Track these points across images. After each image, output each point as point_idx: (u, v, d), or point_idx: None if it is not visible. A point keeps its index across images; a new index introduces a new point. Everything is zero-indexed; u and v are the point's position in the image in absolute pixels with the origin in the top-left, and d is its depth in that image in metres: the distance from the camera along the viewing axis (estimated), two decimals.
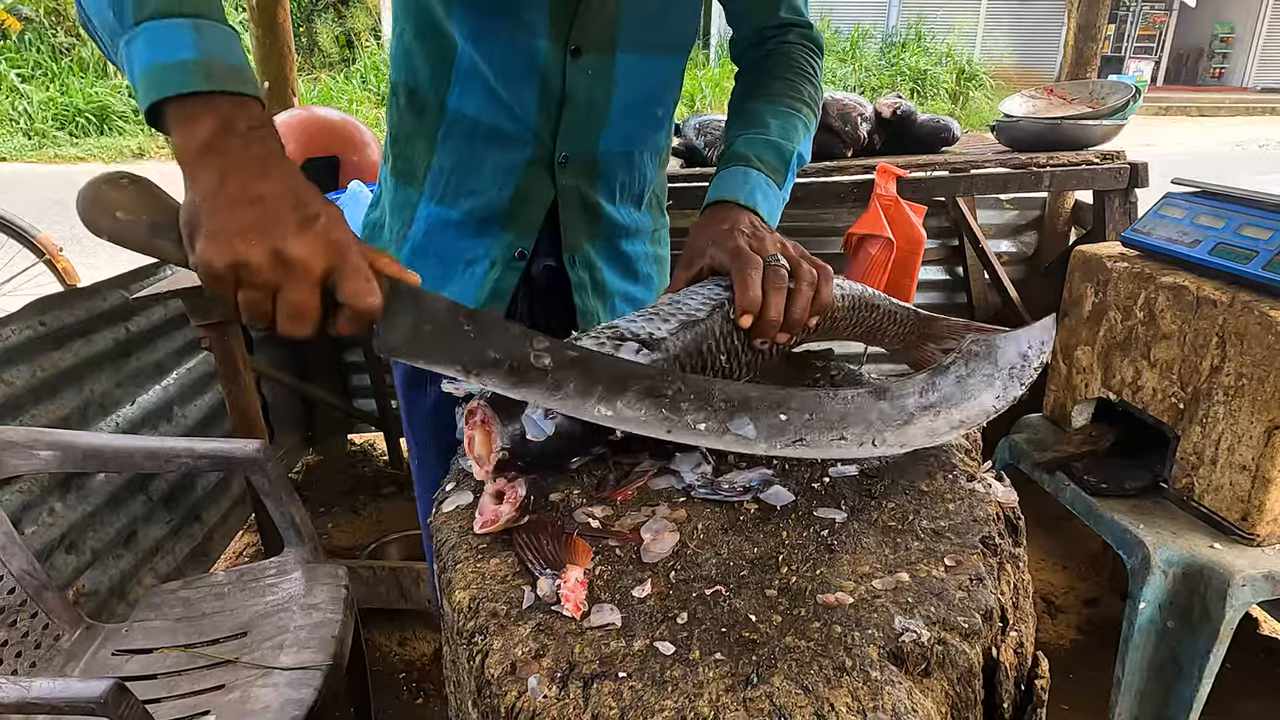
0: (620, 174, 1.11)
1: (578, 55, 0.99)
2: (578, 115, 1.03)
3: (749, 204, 0.94)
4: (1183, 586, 1.53)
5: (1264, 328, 1.43)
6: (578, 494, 0.73)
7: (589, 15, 0.97)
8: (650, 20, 1.02)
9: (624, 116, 1.06)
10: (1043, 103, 2.50)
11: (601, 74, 1.02)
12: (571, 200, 1.09)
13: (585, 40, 0.99)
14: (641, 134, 1.11)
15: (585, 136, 1.05)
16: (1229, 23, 17.23)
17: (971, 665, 0.53)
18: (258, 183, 0.67)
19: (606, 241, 1.15)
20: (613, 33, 1.00)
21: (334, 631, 1.47)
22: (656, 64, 1.07)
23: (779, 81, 1.08)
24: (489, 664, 0.54)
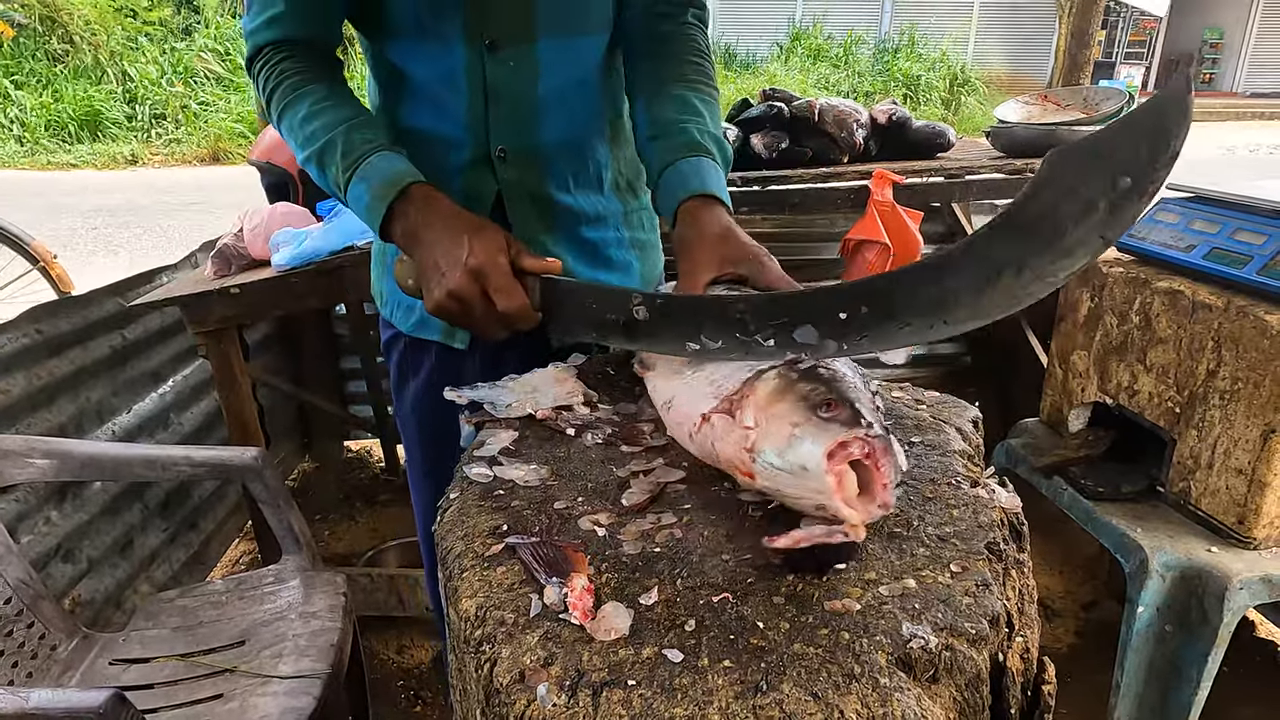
0: (568, 161, 1.12)
1: (495, 49, 1.02)
2: (505, 108, 1.06)
3: (725, 201, 0.98)
4: (1180, 590, 1.53)
5: (1259, 332, 1.44)
6: (581, 501, 0.73)
7: (500, 9, 1.00)
8: (567, 2, 1.04)
9: (557, 103, 1.08)
10: (1037, 109, 2.52)
11: (523, 64, 1.04)
12: (517, 193, 1.11)
13: (500, 34, 1.02)
14: (583, 118, 1.12)
15: (519, 129, 1.08)
16: (1218, 28, 17.36)
17: (979, 671, 0.53)
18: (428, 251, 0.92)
19: (567, 231, 1.15)
20: (529, 22, 1.02)
21: (333, 639, 1.47)
22: (582, 45, 1.08)
23: (693, 67, 1.09)
24: (497, 672, 0.54)
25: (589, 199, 1.16)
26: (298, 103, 1.01)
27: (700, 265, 0.89)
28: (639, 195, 1.25)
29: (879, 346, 0.72)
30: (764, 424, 0.65)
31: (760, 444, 0.64)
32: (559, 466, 0.79)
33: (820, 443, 0.59)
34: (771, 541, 0.60)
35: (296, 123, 1.01)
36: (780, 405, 0.64)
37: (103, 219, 7.14)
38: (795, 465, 0.61)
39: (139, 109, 10.52)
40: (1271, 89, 16.67)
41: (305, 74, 1.03)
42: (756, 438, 0.65)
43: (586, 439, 0.84)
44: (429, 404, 1.20)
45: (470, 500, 0.74)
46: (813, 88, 12.80)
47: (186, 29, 11.69)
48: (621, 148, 1.20)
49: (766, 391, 0.67)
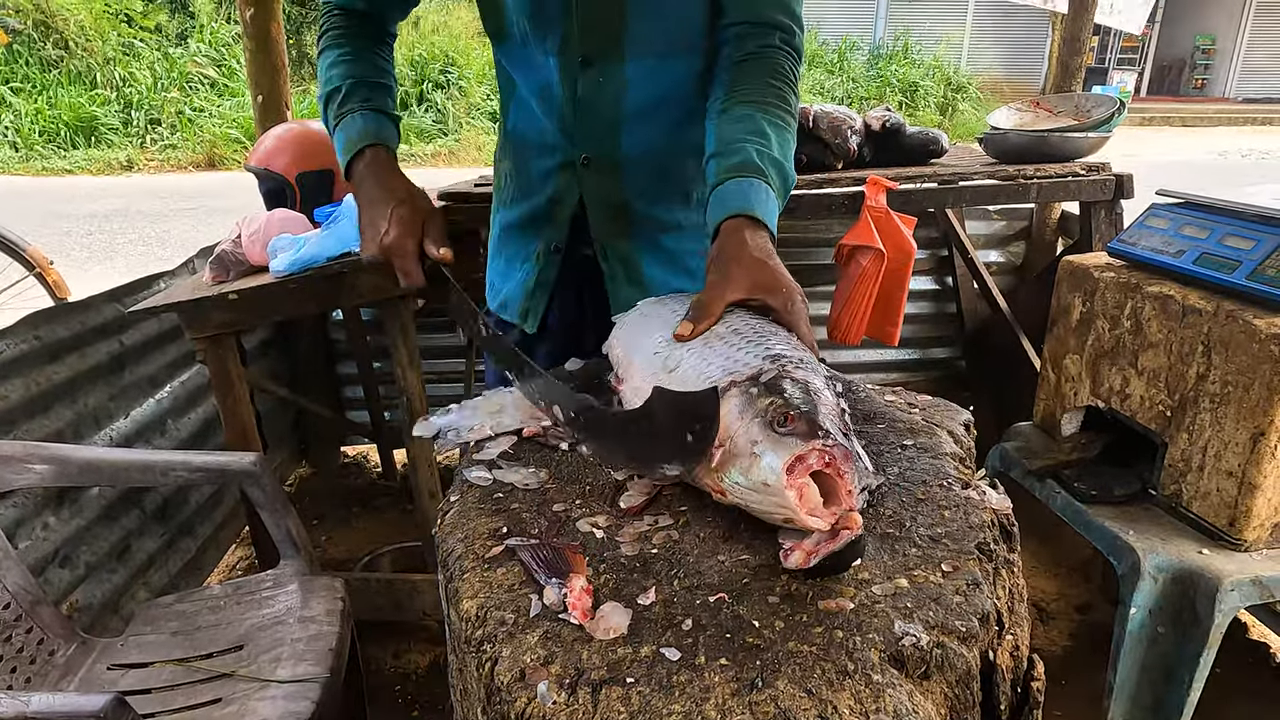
0: (650, 173, 1.20)
1: (588, 66, 1.11)
2: (591, 120, 1.14)
3: (770, 226, 0.97)
4: (1172, 592, 1.55)
5: (1248, 336, 1.46)
6: (579, 504, 0.74)
7: (594, 28, 1.08)
8: (657, 26, 1.09)
9: (641, 119, 1.15)
10: (1029, 115, 2.54)
11: (611, 81, 1.12)
12: (596, 198, 1.20)
13: (592, 52, 1.10)
14: (667, 134, 1.18)
15: (602, 139, 1.16)
16: (1210, 34, 17.47)
17: (969, 668, 0.55)
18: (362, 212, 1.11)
19: (646, 238, 1.23)
20: (619, 43, 1.09)
21: (331, 644, 1.47)
22: (669, 67, 1.13)
23: (771, 90, 1.09)
24: (498, 671, 0.55)
25: (670, 210, 1.23)
26: (331, 50, 1.19)
27: (731, 282, 0.89)
28: None
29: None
30: (728, 444, 0.66)
31: (725, 463, 0.66)
32: (557, 470, 0.80)
33: (779, 458, 0.61)
34: (786, 561, 0.62)
35: (324, 66, 1.19)
36: (741, 424, 0.66)
37: (98, 225, 7.13)
38: (758, 482, 0.63)
39: (134, 115, 10.50)
40: (1263, 94, 16.78)
41: (347, 31, 1.20)
42: (721, 457, 0.66)
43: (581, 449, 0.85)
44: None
45: (470, 503, 0.75)
46: (808, 93, 12.84)
47: (182, 34, 11.69)
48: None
49: (728, 409, 0.68)
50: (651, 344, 0.86)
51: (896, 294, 2.18)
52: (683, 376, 0.78)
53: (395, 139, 1.18)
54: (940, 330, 3.17)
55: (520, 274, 1.30)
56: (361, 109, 1.13)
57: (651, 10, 1.07)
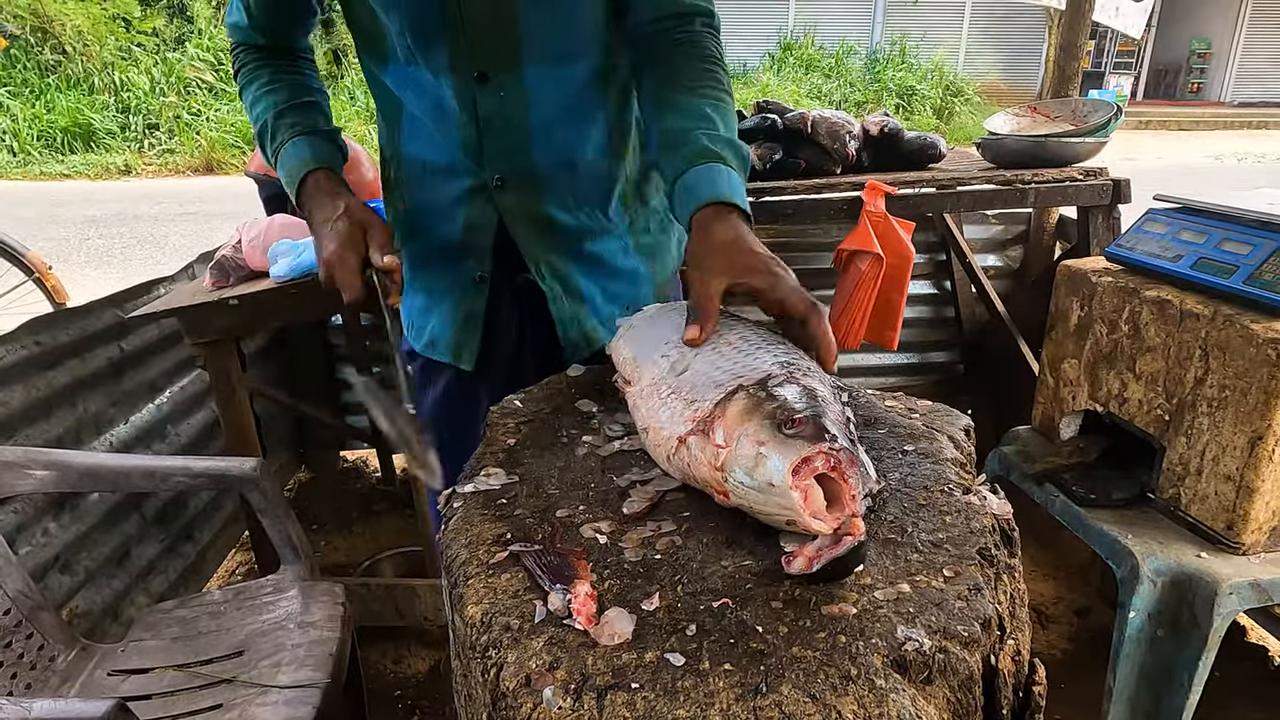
0: (566, 182, 1.14)
1: (485, 80, 1.05)
2: (498, 137, 1.08)
3: (744, 208, 0.94)
4: (1171, 595, 1.55)
5: (1245, 340, 1.47)
6: (583, 510, 0.75)
7: (485, 41, 1.03)
8: (551, 32, 1.05)
9: (549, 128, 1.10)
10: (1027, 120, 2.55)
11: (513, 93, 1.06)
12: (518, 218, 1.13)
13: (488, 65, 1.04)
14: (578, 139, 1.13)
15: (514, 156, 1.10)
16: (1206, 39, 17.53)
17: (972, 672, 0.55)
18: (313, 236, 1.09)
19: (570, 249, 1.17)
20: (515, 52, 1.04)
21: (331, 649, 1.47)
22: (570, 70, 1.09)
23: (705, 73, 1.05)
24: (504, 677, 0.56)
25: (590, 215, 1.17)
26: (248, 87, 1.16)
27: (711, 274, 0.87)
28: (648, 201, 1.25)
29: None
30: (733, 444, 0.66)
31: (730, 463, 0.66)
32: (560, 475, 0.81)
33: (785, 459, 0.62)
34: (789, 566, 0.62)
35: (248, 105, 1.16)
36: (748, 424, 0.66)
37: (96, 230, 7.13)
38: (763, 483, 0.63)
39: (132, 119, 10.51)
40: (1259, 98, 16.84)
41: (259, 62, 1.16)
42: (726, 457, 0.66)
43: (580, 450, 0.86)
44: (444, 419, 1.27)
45: (474, 509, 0.75)
46: (805, 98, 12.87)
47: (179, 39, 11.70)
48: (626, 158, 1.19)
49: (736, 411, 0.68)
50: (661, 347, 0.86)
51: (895, 298, 2.19)
52: (692, 380, 0.78)
53: (335, 154, 1.15)
54: (939, 334, 3.17)
55: (442, 308, 1.22)
56: (292, 138, 1.10)
57: (544, 14, 1.03)
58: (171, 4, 12.04)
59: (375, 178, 2.29)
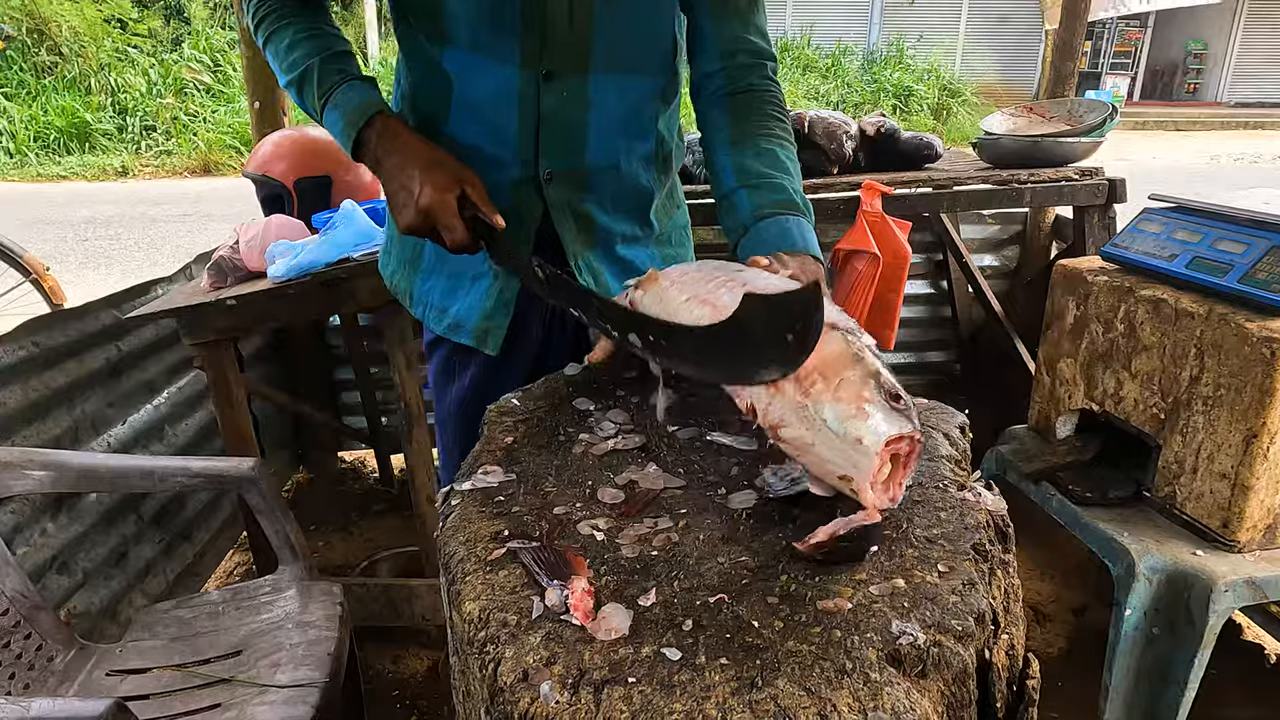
0: (610, 185, 1.19)
1: (550, 79, 1.08)
2: (556, 134, 1.12)
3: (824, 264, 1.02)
4: (1167, 593, 1.56)
5: (1240, 339, 1.47)
6: (580, 507, 0.75)
7: (558, 43, 1.06)
8: (623, 43, 1.09)
9: (604, 132, 1.14)
10: (1023, 120, 2.56)
11: (576, 95, 1.10)
12: (562, 212, 1.18)
13: (557, 65, 1.08)
14: (627, 146, 1.17)
15: (567, 153, 1.14)
16: (1201, 39, 17.57)
17: (966, 666, 0.55)
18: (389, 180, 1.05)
19: (604, 248, 1.22)
20: (585, 57, 1.08)
21: (329, 649, 1.48)
22: (634, 83, 1.14)
23: (776, 123, 1.12)
24: (501, 672, 0.56)
25: (626, 220, 1.22)
26: (281, 33, 1.11)
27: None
28: (673, 216, 1.31)
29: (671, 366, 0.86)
30: (828, 382, 0.66)
31: (819, 399, 0.65)
32: (558, 473, 0.81)
33: (889, 428, 0.63)
34: (810, 540, 0.63)
35: (280, 50, 1.11)
36: (851, 373, 0.66)
37: (93, 231, 7.12)
38: (851, 436, 0.63)
39: (129, 120, 10.50)
40: (1255, 99, 16.88)
41: (285, 10, 1.12)
42: (817, 392, 0.66)
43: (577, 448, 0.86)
44: (472, 409, 1.23)
45: (472, 507, 0.76)
46: (803, 98, 12.88)
47: (176, 40, 11.69)
48: (665, 176, 1.26)
49: (834, 352, 0.67)
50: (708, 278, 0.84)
51: (892, 298, 2.20)
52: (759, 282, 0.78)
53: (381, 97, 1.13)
54: (936, 334, 3.18)
55: (474, 294, 1.22)
56: (348, 82, 1.08)
57: (618, 28, 1.07)
58: (168, 5, 12.04)
59: (373, 178, 2.30)
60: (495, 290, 1.20)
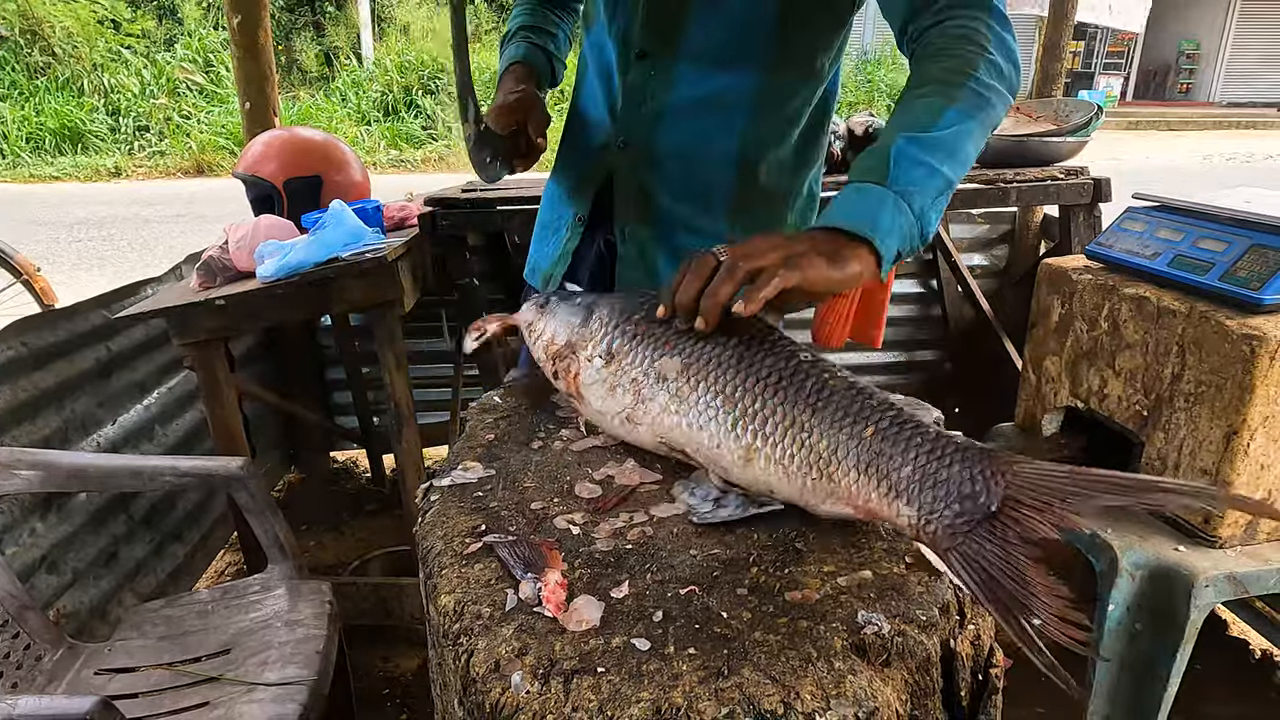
0: (679, 170, 1.23)
1: (643, 58, 1.18)
2: (634, 106, 1.21)
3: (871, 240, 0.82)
4: (1149, 589, 1.57)
5: (1220, 336, 1.49)
6: (557, 502, 0.76)
7: (655, 26, 1.15)
8: (714, 36, 1.13)
9: (681, 116, 1.19)
10: (1009, 120, 2.58)
11: (662, 75, 1.18)
12: (626, 180, 1.25)
13: (651, 46, 1.17)
14: (706, 137, 1.20)
15: (641, 127, 1.21)
16: (1194, 40, 17.64)
17: (929, 655, 0.56)
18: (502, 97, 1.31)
19: (664, 230, 1.26)
20: (674, 42, 1.15)
21: (318, 647, 1.48)
22: (722, 78, 1.16)
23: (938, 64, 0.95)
24: (474, 663, 0.57)
25: (693, 210, 1.25)
26: (516, 13, 1.45)
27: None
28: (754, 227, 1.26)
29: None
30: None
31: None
32: (536, 469, 0.82)
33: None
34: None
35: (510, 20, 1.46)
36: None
37: (86, 232, 7.11)
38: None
39: (122, 121, 10.48)
40: (1247, 99, 16.96)
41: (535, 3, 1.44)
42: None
43: (557, 444, 0.87)
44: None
45: (451, 502, 0.77)
46: None
47: (169, 40, 11.67)
48: (753, 183, 1.23)
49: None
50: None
51: (879, 296, 2.20)
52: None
53: (542, 61, 1.40)
54: (926, 333, 3.20)
55: (550, 244, 1.40)
56: (517, 41, 1.39)
57: (713, 20, 1.11)
58: (161, 6, 12.02)
59: (364, 179, 2.30)
60: (563, 240, 1.36)
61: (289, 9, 12.84)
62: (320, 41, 13.10)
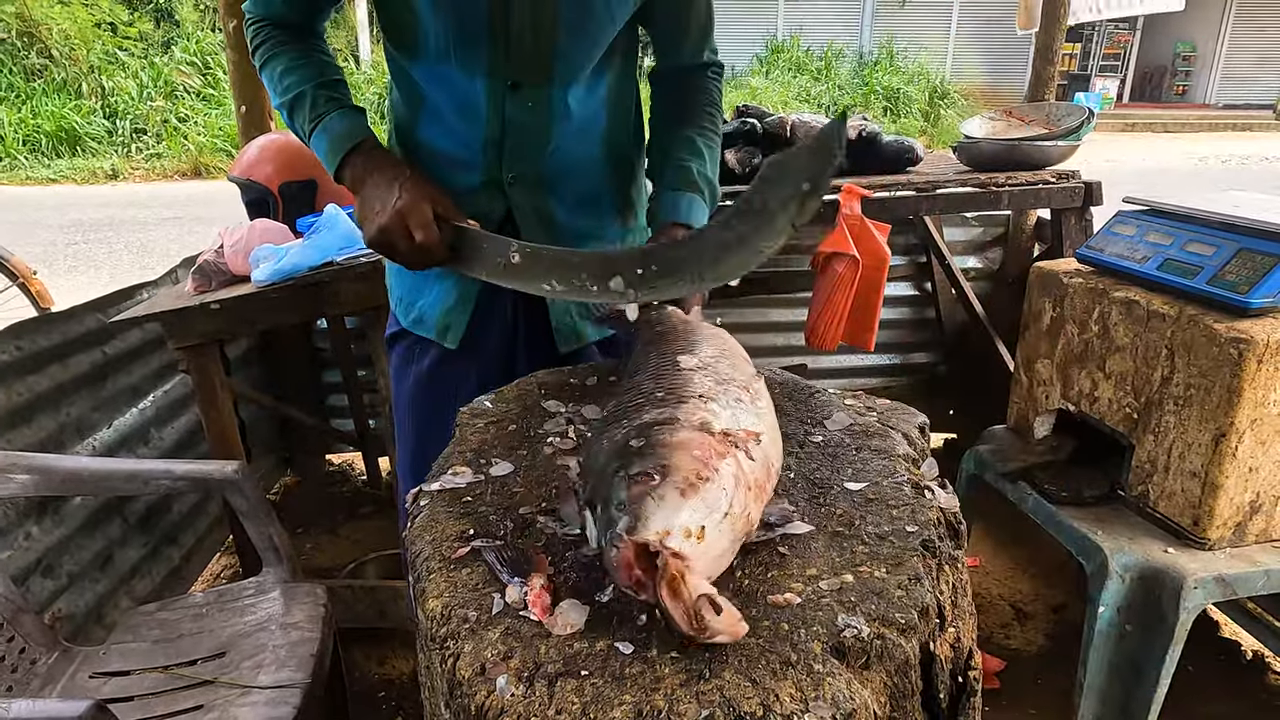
0: (571, 186, 1.26)
1: (517, 89, 1.15)
2: (520, 141, 1.19)
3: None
4: (1139, 590, 1.58)
5: (1209, 340, 1.50)
6: (545, 506, 0.77)
7: (523, 56, 1.12)
8: (582, 52, 1.15)
9: (566, 138, 1.21)
10: (1002, 124, 2.59)
11: (541, 105, 1.17)
12: (526, 213, 1.24)
13: (522, 75, 1.14)
14: (587, 149, 1.25)
15: (531, 158, 1.21)
16: (1190, 41, 17.67)
17: (908, 658, 0.57)
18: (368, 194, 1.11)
19: (567, 242, 1.26)
20: (548, 69, 1.14)
21: (312, 650, 1.49)
22: (592, 89, 1.21)
23: (704, 115, 1.28)
24: (460, 666, 0.58)
25: (588, 219, 1.29)
26: (277, 59, 1.19)
27: None
28: (639, 217, 1.38)
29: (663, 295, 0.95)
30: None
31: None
32: (525, 473, 0.83)
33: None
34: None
35: (276, 75, 1.19)
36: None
37: (82, 234, 7.11)
38: None
39: (119, 123, 10.47)
40: (1243, 100, 16.99)
41: (282, 38, 1.20)
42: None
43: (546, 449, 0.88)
44: (424, 398, 1.34)
45: (440, 507, 0.77)
46: (794, 100, 12.92)
47: (166, 43, 11.67)
48: (624, 176, 1.33)
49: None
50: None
51: (872, 299, 2.22)
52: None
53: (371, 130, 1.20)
54: (920, 335, 3.21)
55: (437, 289, 1.29)
56: (337, 110, 1.16)
57: (578, 41, 1.13)
58: (158, 8, 12.02)
59: None
60: (459, 288, 1.27)
61: None
62: None
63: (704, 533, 0.57)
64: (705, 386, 0.76)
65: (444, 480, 0.81)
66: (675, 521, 0.57)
